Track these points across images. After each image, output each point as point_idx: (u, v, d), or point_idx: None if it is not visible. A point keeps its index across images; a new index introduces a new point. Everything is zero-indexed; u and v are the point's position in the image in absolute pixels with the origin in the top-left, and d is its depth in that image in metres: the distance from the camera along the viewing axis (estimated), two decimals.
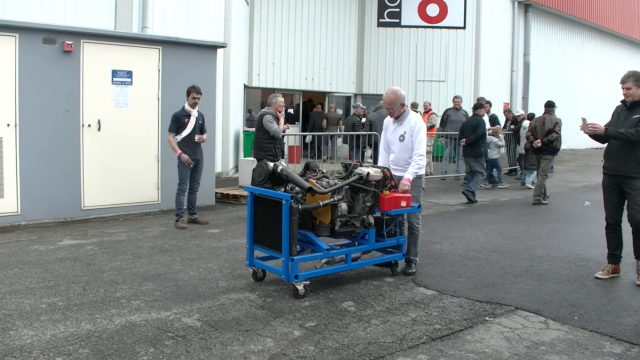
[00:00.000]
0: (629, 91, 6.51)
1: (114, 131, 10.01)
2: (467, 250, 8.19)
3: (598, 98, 32.13)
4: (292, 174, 6.27)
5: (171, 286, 6.30)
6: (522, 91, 26.00)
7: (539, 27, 27.28)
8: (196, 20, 14.83)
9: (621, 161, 6.60)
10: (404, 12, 23.40)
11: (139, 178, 10.38)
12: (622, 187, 6.64)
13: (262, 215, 6.30)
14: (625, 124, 6.52)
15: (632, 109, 6.55)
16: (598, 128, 6.54)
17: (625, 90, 6.54)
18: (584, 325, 5.38)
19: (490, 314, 5.66)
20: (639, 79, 6.49)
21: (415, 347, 4.81)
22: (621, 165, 6.61)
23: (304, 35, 22.17)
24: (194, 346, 4.70)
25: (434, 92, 22.46)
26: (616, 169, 6.68)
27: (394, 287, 6.43)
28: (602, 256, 7.88)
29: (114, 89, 10.01)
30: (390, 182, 6.51)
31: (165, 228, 9.26)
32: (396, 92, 6.89)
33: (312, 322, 5.31)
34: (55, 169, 9.48)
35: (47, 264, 7.04)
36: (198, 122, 9.39)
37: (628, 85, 6.51)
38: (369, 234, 6.61)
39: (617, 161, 6.66)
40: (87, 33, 9.84)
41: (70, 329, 4.98)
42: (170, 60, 10.58)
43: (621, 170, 6.61)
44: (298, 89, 22.55)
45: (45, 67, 9.30)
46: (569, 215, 11.21)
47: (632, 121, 6.46)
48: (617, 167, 6.66)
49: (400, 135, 6.91)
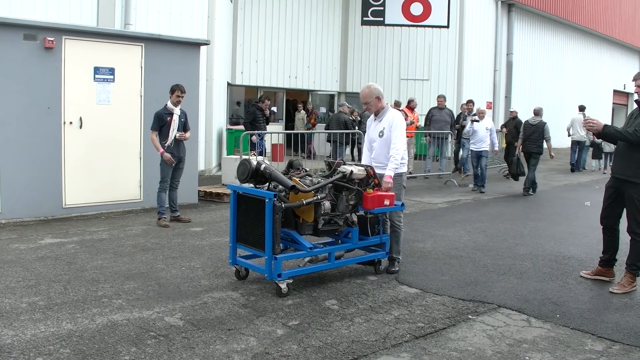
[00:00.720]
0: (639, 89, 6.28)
1: (95, 129, 9.92)
2: (450, 249, 8.22)
3: (580, 98, 32.37)
4: (275, 172, 6.25)
5: (153, 285, 6.25)
6: (505, 90, 26.13)
7: (522, 27, 27.43)
8: (179, 17, 14.75)
9: (623, 163, 6.35)
10: (388, 11, 23.42)
11: (121, 176, 10.29)
12: (622, 190, 6.38)
13: (245, 213, 6.28)
14: (635, 124, 6.23)
15: None
16: (596, 124, 6.20)
17: (637, 88, 6.28)
18: (566, 323, 5.41)
19: (473, 312, 5.68)
20: None
21: (399, 346, 4.82)
22: (622, 168, 6.36)
23: (287, 33, 22.12)
24: (177, 345, 4.67)
25: (417, 90, 22.49)
26: (617, 170, 6.45)
27: (377, 286, 6.44)
28: (584, 254, 7.97)
29: (96, 86, 9.91)
30: (374, 180, 6.52)
31: (147, 226, 9.20)
32: (370, 87, 6.96)
33: (295, 321, 5.30)
34: (36, 167, 9.38)
35: (27, 262, 6.96)
36: (180, 120, 9.34)
37: (639, 82, 6.25)
38: (352, 233, 6.61)
39: (619, 163, 6.44)
40: (68, 29, 9.72)
41: (51, 329, 4.93)
42: (153, 58, 10.50)
43: (621, 172, 6.37)
44: (282, 87, 22.49)
45: (26, 64, 9.19)
46: (552, 214, 11.28)
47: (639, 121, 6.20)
48: (618, 169, 6.43)
49: (379, 132, 6.93)
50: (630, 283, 6.40)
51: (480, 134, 14.16)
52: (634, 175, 6.22)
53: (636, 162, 6.20)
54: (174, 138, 9.24)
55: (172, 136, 9.23)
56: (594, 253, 7.92)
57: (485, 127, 14.16)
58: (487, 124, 14.26)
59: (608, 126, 6.30)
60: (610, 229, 6.69)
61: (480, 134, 14.16)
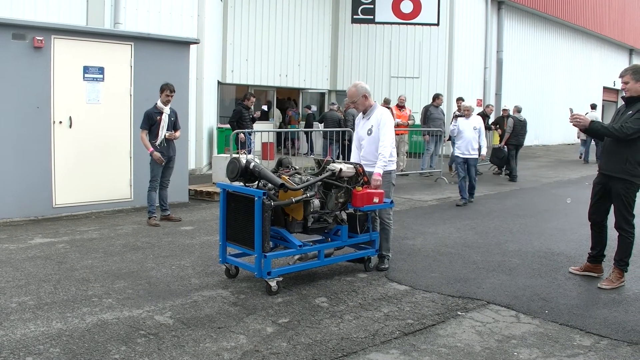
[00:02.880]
0: (626, 85, 6.27)
1: (85, 128, 9.90)
2: (439, 246, 8.25)
3: (570, 95, 32.54)
4: (264, 171, 6.26)
5: (143, 284, 6.26)
6: (495, 88, 26.23)
7: (511, 24, 27.53)
8: (169, 16, 14.73)
9: (609, 159, 6.39)
10: (378, 9, 23.45)
11: (111, 175, 10.28)
12: (609, 186, 6.41)
13: (235, 211, 6.29)
14: (621, 119, 6.27)
15: (630, 104, 6.31)
16: (582, 120, 6.24)
17: (623, 85, 6.30)
18: (555, 318, 5.45)
19: (462, 308, 5.71)
20: (636, 72, 6.23)
21: (388, 342, 4.84)
22: (608, 164, 6.40)
23: (278, 32, 22.11)
24: (167, 344, 4.68)
25: (407, 88, 22.55)
26: (604, 167, 6.48)
27: (366, 283, 6.46)
28: (573, 251, 8.02)
29: (86, 85, 9.89)
30: (363, 178, 6.54)
31: (137, 225, 9.19)
32: (356, 85, 6.98)
33: (285, 319, 5.31)
34: (26, 166, 9.35)
35: (17, 262, 6.95)
36: (170, 119, 9.33)
37: (625, 79, 6.27)
38: (342, 230, 6.63)
39: (605, 159, 6.45)
40: (58, 29, 9.70)
41: (41, 328, 4.93)
42: (142, 57, 10.49)
43: (608, 168, 6.40)
44: (272, 86, 22.48)
45: (15, 63, 9.16)
46: (541, 211, 11.33)
47: (626, 117, 6.22)
48: (605, 165, 6.45)
49: (368, 129, 6.95)
50: (619, 279, 6.45)
51: (467, 135, 11.99)
52: (621, 171, 6.25)
53: (623, 158, 6.23)
54: (163, 137, 9.23)
55: (162, 135, 9.23)
56: (582, 249, 7.97)
57: (473, 127, 12.01)
58: (474, 123, 12.06)
59: (594, 122, 6.34)
60: (599, 225, 6.73)
61: (467, 135, 11.99)
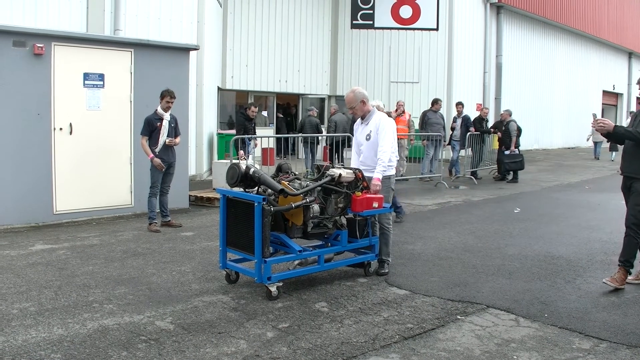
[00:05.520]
0: None
1: (86, 134, 9.93)
2: (439, 250, 8.26)
3: (570, 98, 32.60)
4: (264, 176, 6.28)
5: (144, 290, 6.27)
6: (495, 92, 26.27)
7: (510, 29, 27.59)
8: (169, 23, 14.76)
9: (630, 162, 6.45)
10: (377, 14, 23.52)
11: (112, 181, 10.30)
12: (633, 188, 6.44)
13: (235, 217, 6.31)
14: None
15: None
16: (607, 125, 6.29)
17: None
18: (554, 322, 5.46)
19: (462, 312, 5.73)
20: None
21: (388, 347, 4.85)
22: (629, 166, 6.46)
23: (277, 37, 22.18)
24: (167, 349, 4.70)
25: (407, 93, 22.59)
26: (625, 169, 6.53)
27: (366, 288, 6.48)
28: (572, 254, 8.03)
29: (86, 92, 9.92)
30: (362, 183, 6.56)
31: (138, 231, 9.21)
32: (354, 91, 6.99)
33: (285, 324, 5.33)
34: (26, 173, 9.38)
35: (18, 269, 6.97)
36: (171, 125, 9.36)
37: None
38: (342, 235, 6.65)
39: (626, 162, 6.52)
40: (58, 36, 9.74)
41: (42, 334, 4.95)
42: (142, 63, 10.52)
43: (629, 171, 6.46)
44: (272, 91, 22.55)
45: (15, 71, 9.19)
46: (541, 215, 11.34)
47: None
48: (626, 167, 6.51)
49: (366, 135, 6.97)
50: (622, 279, 6.49)
51: None
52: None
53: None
54: (164, 143, 9.26)
55: (162, 141, 9.25)
56: (582, 253, 8.00)
57: None
58: None
59: (618, 126, 6.42)
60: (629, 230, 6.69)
61: None
